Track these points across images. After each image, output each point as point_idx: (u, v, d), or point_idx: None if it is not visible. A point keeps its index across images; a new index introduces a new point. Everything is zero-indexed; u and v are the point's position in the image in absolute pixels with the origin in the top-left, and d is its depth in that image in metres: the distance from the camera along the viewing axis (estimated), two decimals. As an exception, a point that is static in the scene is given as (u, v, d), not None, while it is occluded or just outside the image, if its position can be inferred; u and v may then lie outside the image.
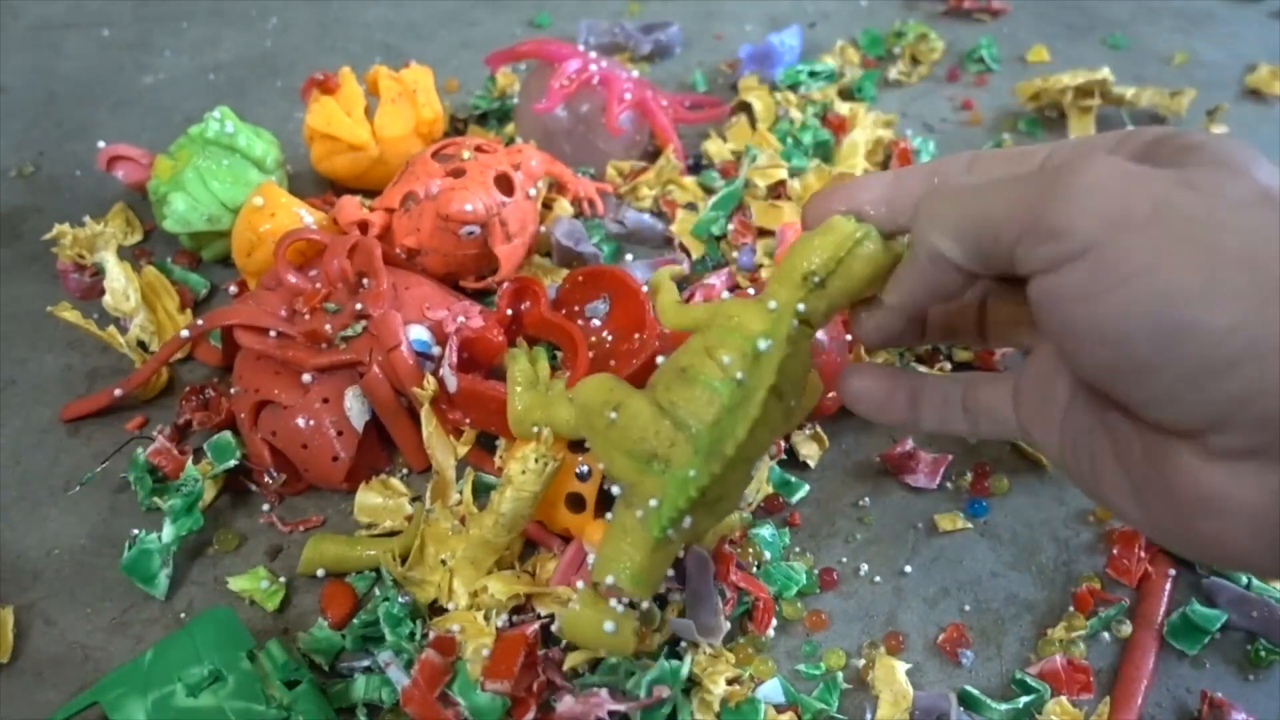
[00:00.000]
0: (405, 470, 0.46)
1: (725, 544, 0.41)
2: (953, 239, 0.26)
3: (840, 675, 0.38)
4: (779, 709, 0.37)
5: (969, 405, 0.33)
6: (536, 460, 0.37)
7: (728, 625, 0.38)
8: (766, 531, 0.42)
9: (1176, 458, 0.24)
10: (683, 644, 0.38)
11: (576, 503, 0.40)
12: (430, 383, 0.43)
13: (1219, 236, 0.21)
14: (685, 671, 0.37)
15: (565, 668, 0.37)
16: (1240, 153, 0.24)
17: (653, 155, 0.62)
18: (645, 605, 0.37)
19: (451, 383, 0.43)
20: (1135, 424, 0.25)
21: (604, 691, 0.36)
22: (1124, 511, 0.27)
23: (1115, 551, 0.41)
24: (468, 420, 0.44)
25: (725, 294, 0.51)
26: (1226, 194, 0.22)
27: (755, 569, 0.41)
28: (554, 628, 0.38)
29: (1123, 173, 0.23)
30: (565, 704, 0.35)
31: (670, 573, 0.40)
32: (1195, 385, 0.22)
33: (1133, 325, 0.22)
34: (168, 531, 0.41)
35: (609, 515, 0.35)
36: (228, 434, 0.45)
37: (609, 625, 0.34)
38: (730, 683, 0.37)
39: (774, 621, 0.40)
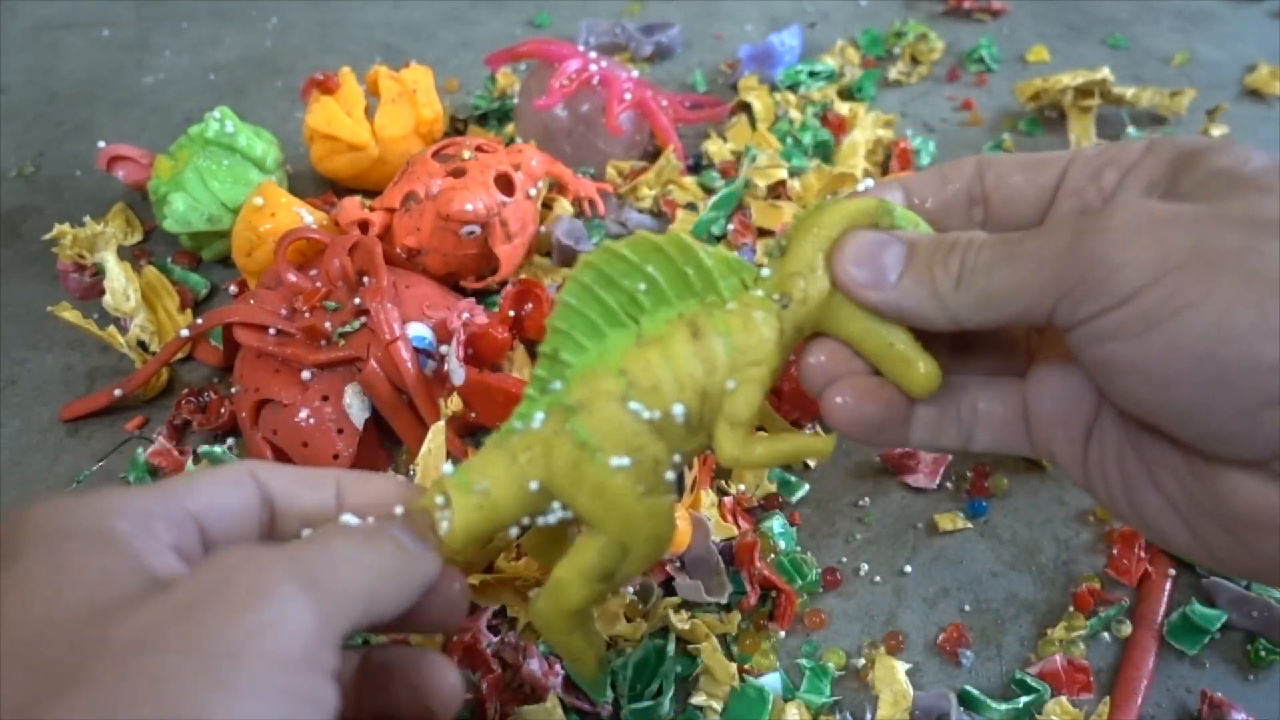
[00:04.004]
0: (409, 470, 0.46)
1: (747, 536, 0.41)
2: (975, 310, 0.25)
3: (831, 665, 0.38)
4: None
5: (964, 416, 0.30)
6: None
7: (730, 586, 0.39)
8: (777, 524, 0.42)
9: (1230, 480, 0.23)
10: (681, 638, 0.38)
11: None
12: (455, 402, 0.42)
13: (1262, 269, 0.21)
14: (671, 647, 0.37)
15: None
16: (1269, 173, 0.23)
17: (653, 155, 0.62)
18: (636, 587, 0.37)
19: (459, 375, 0.43)
20: (1179, 448, 0.24)
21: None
22: (1168, 536, 0.26)
23: (1115, 551, 0.41)
24: (473, 413, 0.44)
25: None
26: (1264, 221, 0.21)
27: (770, 559, 0.41)
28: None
29: (1156, 218, 0.22)
30: (531, 666, 0.35)
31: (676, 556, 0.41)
32: (1252, 421, 0.21)
33: (1179, 366, 0.21)
34: (168, 531, 0.41)
35: None
36: (218, 449, 0.44)
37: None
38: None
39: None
